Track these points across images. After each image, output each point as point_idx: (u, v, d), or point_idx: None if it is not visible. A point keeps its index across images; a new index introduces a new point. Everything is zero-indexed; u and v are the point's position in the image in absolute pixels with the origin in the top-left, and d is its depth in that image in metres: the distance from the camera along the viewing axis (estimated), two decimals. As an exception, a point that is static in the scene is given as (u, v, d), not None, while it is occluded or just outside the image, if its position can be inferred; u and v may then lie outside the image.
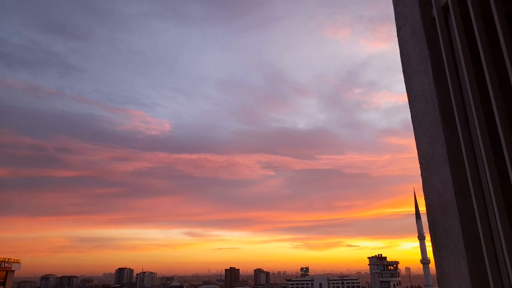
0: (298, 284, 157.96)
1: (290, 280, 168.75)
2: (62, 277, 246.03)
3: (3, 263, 53.93)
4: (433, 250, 2.13)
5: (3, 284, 54.56)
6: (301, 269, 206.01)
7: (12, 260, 59.54)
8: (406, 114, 2.48)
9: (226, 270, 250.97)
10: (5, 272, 55.11)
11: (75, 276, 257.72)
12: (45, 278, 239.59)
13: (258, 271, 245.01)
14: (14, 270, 57.15)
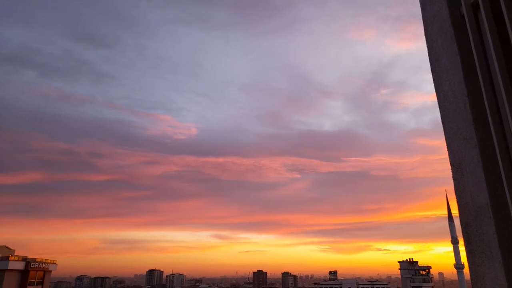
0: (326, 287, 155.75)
1: (318, 284, 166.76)
2: (95, 278, 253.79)
3: (41, 264, 56.20)
4: (467, 255, 2.06)
5: (41, 283, 56.82)
6: (330, 272, 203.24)
7: (49, 261, 61.89)
8: (436, 114, 2.41)
9: (253, 273, 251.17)
10: (42, 272, 57.41)
11: (108, 277, 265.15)
12: (80, 278, 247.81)
13: (285, 274, 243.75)
14: (51, 271, 59.45)
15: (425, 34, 2.49)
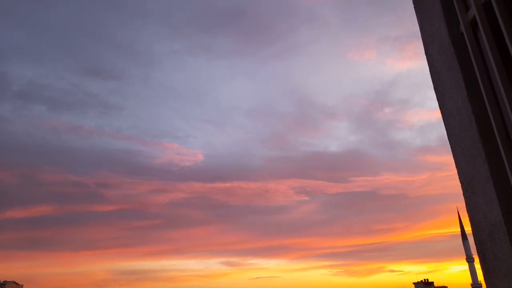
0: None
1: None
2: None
3: (48, 298, 55.07)
4: (483, 275, 2.00)
5: (49, 319, 55.38)
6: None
7: (57, 295, 60.51)
8: (441, 131, 2.40)
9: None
10: (50, 306, 56.13)
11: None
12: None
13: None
14: (59, 305, 58.10)
15: (426, 53, 2.51)
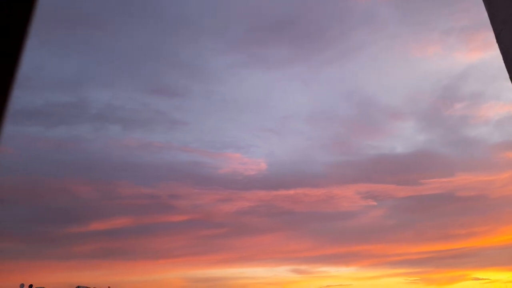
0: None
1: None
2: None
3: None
4: None
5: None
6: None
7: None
8: (522, 123, 2.23)
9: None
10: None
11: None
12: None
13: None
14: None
15: (497, 41, 2.37)
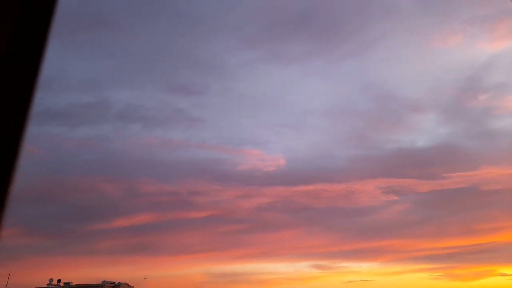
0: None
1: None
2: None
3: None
4: None
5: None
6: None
7: (161, 297, 65.31)
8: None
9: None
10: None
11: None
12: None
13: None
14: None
15: (519, 29, 2.29)
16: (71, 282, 54.91)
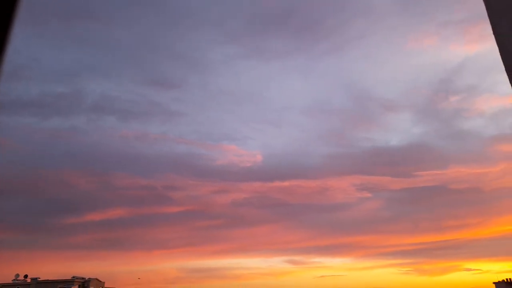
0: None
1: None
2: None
3: (126, 295, 59.02)
4: None
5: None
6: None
7: (133, 292, 64.71)
8: (517, 117, 2.22)
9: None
10: (127, 303, 60.06)
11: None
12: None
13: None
14: (135, 301, 62.08)
15: (494, 33, 2.35)
16: (39, 278, 53.21)
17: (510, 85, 2.27)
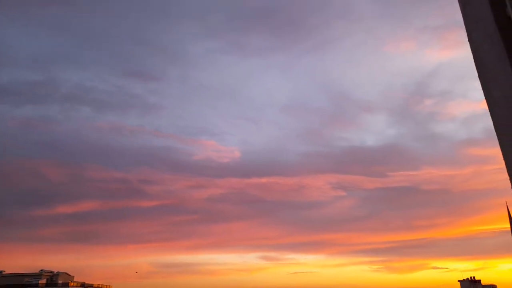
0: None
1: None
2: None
3: (96, 289, 58.31)
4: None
5: (98, 308, 58.64)
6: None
7: (105, 286, 64.08)
8: (487, 122, 2.29)
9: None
10: (98, 297, 59.39)
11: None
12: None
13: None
14: (106, 296, 61.39)
15: (469, 40, 2.39)
16: (4, 271, 51.37)
17: (482, 91, 2.31)
